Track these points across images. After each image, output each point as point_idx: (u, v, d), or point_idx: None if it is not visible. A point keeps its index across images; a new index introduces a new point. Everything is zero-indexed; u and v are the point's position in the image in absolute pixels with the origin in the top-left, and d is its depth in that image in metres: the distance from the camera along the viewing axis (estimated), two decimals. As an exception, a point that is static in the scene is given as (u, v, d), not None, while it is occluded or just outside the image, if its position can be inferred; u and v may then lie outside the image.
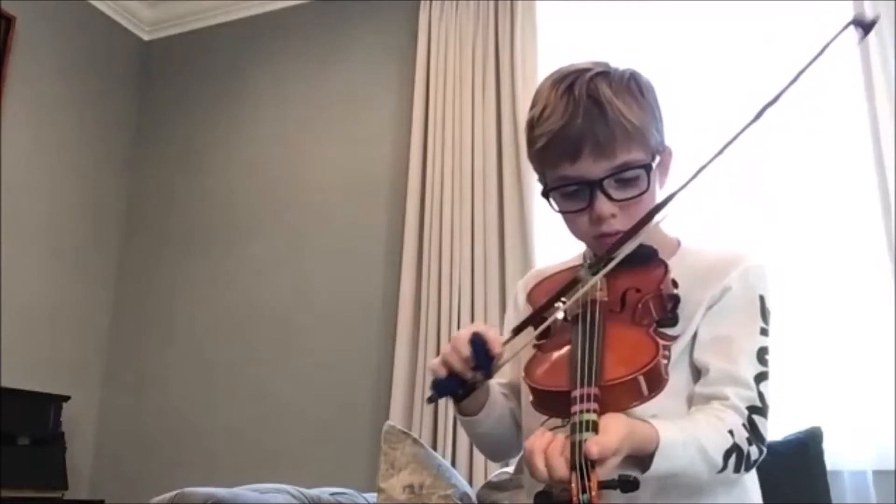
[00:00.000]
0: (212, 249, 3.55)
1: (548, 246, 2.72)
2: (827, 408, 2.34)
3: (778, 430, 2.03)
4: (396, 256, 3.07)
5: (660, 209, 1.08)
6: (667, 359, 1.00)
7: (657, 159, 1.18)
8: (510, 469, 2.22)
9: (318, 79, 3.56)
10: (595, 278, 1.07)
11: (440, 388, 1.12)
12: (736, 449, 1.04)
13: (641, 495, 0.89)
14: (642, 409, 0.96)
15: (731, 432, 1.04)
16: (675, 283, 1.13)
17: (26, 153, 3.35)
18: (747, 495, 1.14)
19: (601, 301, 1.07)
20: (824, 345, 2.43)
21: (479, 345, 1.09)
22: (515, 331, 1.13)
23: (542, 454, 0.87)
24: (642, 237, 1.09)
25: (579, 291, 1.07)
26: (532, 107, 1.19)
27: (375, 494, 2.08)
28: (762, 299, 1.16)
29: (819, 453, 2.01)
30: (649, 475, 0.96)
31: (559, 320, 1.10)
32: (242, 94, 3.70)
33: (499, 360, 1.10)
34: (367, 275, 3.20)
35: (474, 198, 2.94)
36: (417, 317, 2.92)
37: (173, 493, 1.78)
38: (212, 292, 3.49)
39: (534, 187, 2.73)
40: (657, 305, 1.09)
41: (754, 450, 1.07)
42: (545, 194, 1.20)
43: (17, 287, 3.21)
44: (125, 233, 3.77)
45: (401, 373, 2.87)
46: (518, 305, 1.36)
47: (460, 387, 1.12)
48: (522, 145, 1.39)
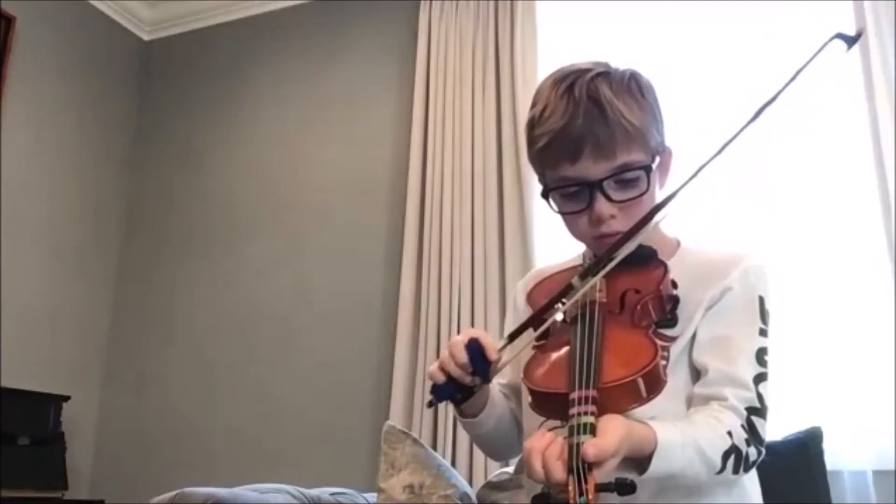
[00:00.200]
0: (212, 249, 3.55)
1: (548, 246, 2.72)
2: (827, 408, 2.34)
3: (778, 430, 2.03)
4: (396, 256, 3.07)
5: (658, 210, 1.08)
6: (666, 360, 1.00)
7: (657, 160, 1.18)
8: (510, 469, 2.22)
9: (318, 79, 3.56)
10: (594, 279, 1.07)
11: (439, 394, 1.13)
12: (734, 450, 1.03)
13: (641, 496, 0.88)
14: (641, 411, 0.96)
15: (730, 433, 1.04)
16: (674, 284, 1.13)
17: (26, 153, 3.35)
18: (747, 495, 1.14)
19: (600, 302, 1.07)
20: (824, 345, 2.42)
21: (475, 350, 1.09)
22: (511, 336, 1.14)
23: (539, 455, 0.87)
24: (642, 238, 1.09)
25: (578, 293, 1.07)
26: (532, 107, 1.19)
27: (375, 494, 2.08)
28: (762, 300, 1.16)
29: (819, 453, 2.01)
30: (648, 476, 0.96)
31: (558, 321, 1.10)
32: (242, 94, 3.70)
33: (496, 365, 1.11)
34: (367, 275, 3.20)
35: (474, 198, 2.93)
36: (417, 317, 2.92)
37: (173, 493, 1.78)
38: (212, 292, 3.49)
39: (534, 187, 2.73)
40: (656, 306, 1.09)
41: (753, 451, 1.07)
42: (545, 195, 1.20)
43: (17, 287, 3.21)
44: (125, 233, 3.77)
45: (401, 373, 2.87)
46: (518, 306, 1.36)
47: (459, 392, 1.13)
48: (522, 145, 1.38)
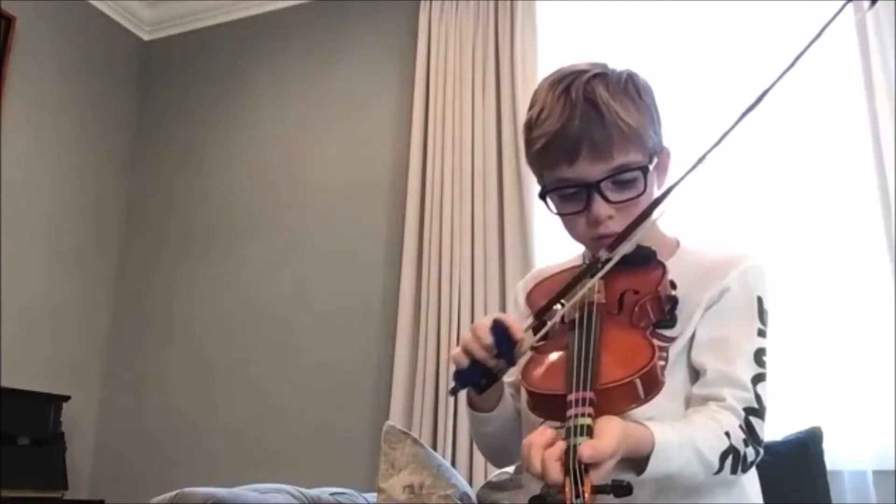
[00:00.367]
0: (212, 249, 3.55)
1: (548, 246, 2.72)
2: (827, 408, 2.34)
3: (778, 430, 2.03)
4: (396, 256, 3.07)
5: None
6: (664, 360, 1.00)
7: (655, 161, 1.17)
8: (510, 469, 2.22)
9: (318, 79, 3.56)
10: (593, 280, 1.07)
11: (463, 379, 1.10)
12: (732, 451, 1.03)
13: (640, 496, 0.89)
14: (639, 412, 0.96)
15: (728, 434, 1.04)
16: (673, 285, 1.13)
17: (26, 153, 3.36)
18: (746, 495, 1.14)
19: (599, 303, 1.07)
20: (824, 345, 2.42)
21: (500, 331, 1.07)
22: (537, 315, 1.11)
23: (540, 452, 0.87)
24: (640, 237, 1.09)
25: (577, 294, 1.07)
26: (530, 108, 1.19)
27: (375, 494, 2.08)
28: (760, 300, 1.15)
29: (819, 453, 2.01)
30: (645, 477, 0.96)
31: (557, 323, 1.10)
32: (242, 94, 3.71)
33: (521, 346, 1.09)
34: (367, 275, 3.20)
35: (474, 198, 2.94)
36: (417, 317, 2.92)
37: (173, 493, 1.78)
38: (212, 292, 3.49)
39: (534, 187, 2.72)
40: (655, 307, 1.09)
41: (751, 451, 1.06)
42: (543, 196, 1.20)
43: (17, 287, 3.21)
44: (125, 233, 3.77)
45: (401, 373, 2.87)
46: (518, 306, 1.35)
47: (483, 376, 1.10)
48: (522, 145, 1.38)
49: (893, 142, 2.41)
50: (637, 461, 0.95)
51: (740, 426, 1.06)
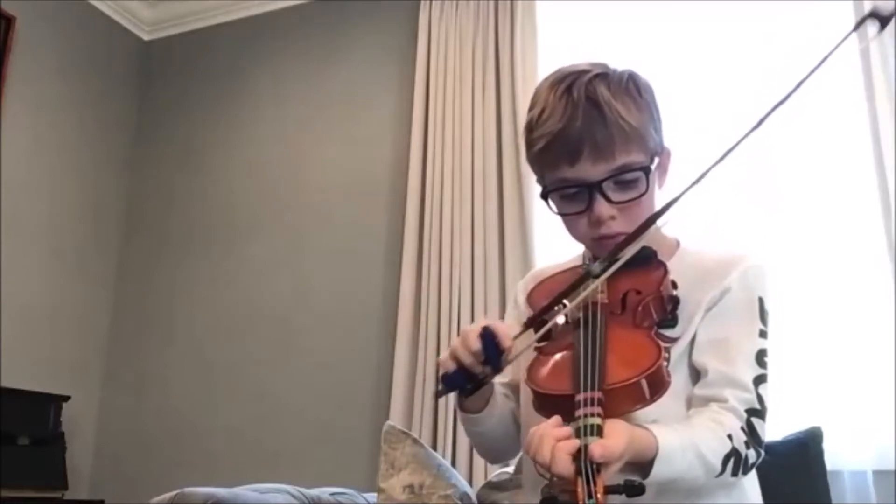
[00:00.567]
0: (212, 249, 3.55)
1: (548, 246, 2.72)
2: (827, 408, 2.34)
3: (778, 430, 2.03)
4: (396, 256, 3.07)
5: (660, 215, 1.08)
6: (667, 361, 1.00)
7: (656, 161, 1.17)
8: (510, 469, 2.22)
9: (318, 79, 3.56)
10: (598, 281, 1.07)
11: (449, 382, 1.11)
12: (734, 453, 1.03)
13: (642, 496, 0.88)
14: (644, 413, 0.96)
15: (730, 436, 1.03)
16: (674, 284, 1.13)
17: (26, 153, 3.36)
18: (746, 496, 1.14)
19: (602, 303, 1.07)
20: (824, 345, 2.43)
21: (489, 339, 1.08)
22: (526, 325, 1.12)
23: (552, 442, 0.87)
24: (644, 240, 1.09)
25: (581, 294, 1.07)
26: (530, 108, 1.19)
27: (375, 494, 2.08)
28: (761, 301, 1.15)
29: (819, 453, 2.01)
30: (648, 481, 0.95)
31: (559, 323, 1.10)
32: (242, 94, 3.70)
33: (508, 354, 1.09)
34: (367, 275, 3.20)
35: (474, 198, 2.94)
36: (417, 317, 2.92)
37: (173, 493, 1.78)
38: (212, 292, 3.49)
39: (534, 187, 2.73)
40: (657, 307, 1.09)
41: (752, 453, 1.06)
42: (544, 196, 1.20)
43: (17, 287, 3.21)
44: (125, 233, 3.77)
45: (401, 373, 2.87)
46: (518, 306, 1.35)
47: (469, 381, 1.11)
48: (522, 145, 1.38)
49: (893, 142, 2.41)
50: (641, 465, 0.95)
51: (742, 428, 1.06)
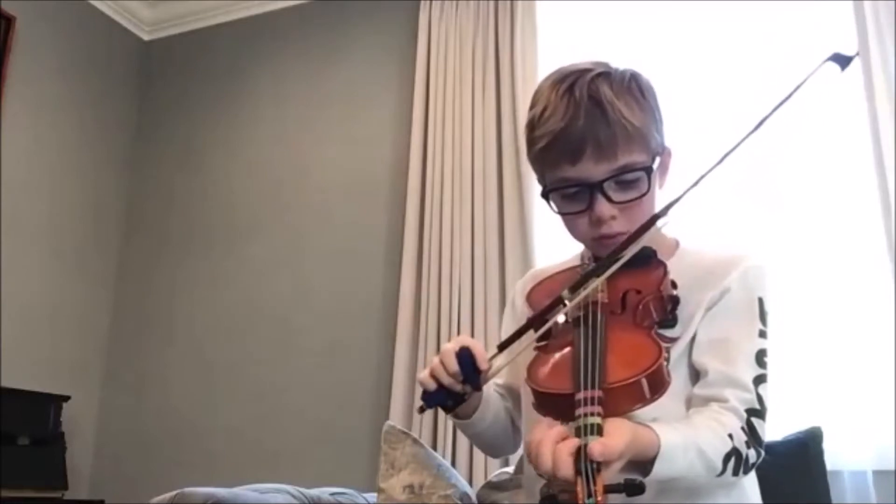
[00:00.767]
0: (212, 249, 3.55)
1: (548, 246, 2.72)
2: (827, 408, 2.34)
3: (778, 430, 2.03)
4: (396, 256, 3.07)
5: (658, 218, 1.08)
6: (667, 360, 1.00)
7: (657, 161, 1.17)
8: (510, 469, 2.22)
9: (318, 79, 3.56)
10: (598, 280, 1.07)
11: (430, 400, 1.13)
12: (735, 453, 1.03)
13: (643, 496, 0.88)
14: (643, 413, 0.96)
15: (731, 436, 1.03)
16: (674, 284, 1.13)
17: (26, 153, 3.36)
18: (746, 496, 1.14)
19: (602, 303, 1.07)
20: (824, 345, 2.43)
21: (466, 359, 1.09)
22: (501, 346, 1.13)
23: (551, 447, 0.86)
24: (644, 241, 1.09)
25: (581, 294, 1.07)
26: (532, 107, 1.18)
27: (375, 494, 2.08)
28: (761, 301, 1.15)
29: (819, 453, 2.01)
30: (650, 479, 0.95)
31: (559, 322, 1.10)
32: (242, 94, 3.70)
33: (485, 375, 1.11)
34: (367, 275, 3.20)
35: (474, 198, 2.94)
36: (417, 317, 2.92)
37: (173, 493, 1.78)
38: (212, 292, 3.49)
39: (534, 187, 2.73)
40: (657, 307, 1.09)
41: (752, 453, 1.06)
42: (545, 195, 1.19)
43: (17, 287, 3.21)
44: (125, 233, 3.77)
45: (401, 373, 2.87)
46: (516, 307, 1.35)
47: (449, 398, 1.13)
48: (522, 145, 1.39)
49: (893, 142, 2.41)
50: (642, 463, 0.95)
51: (742, 427, 1.06)
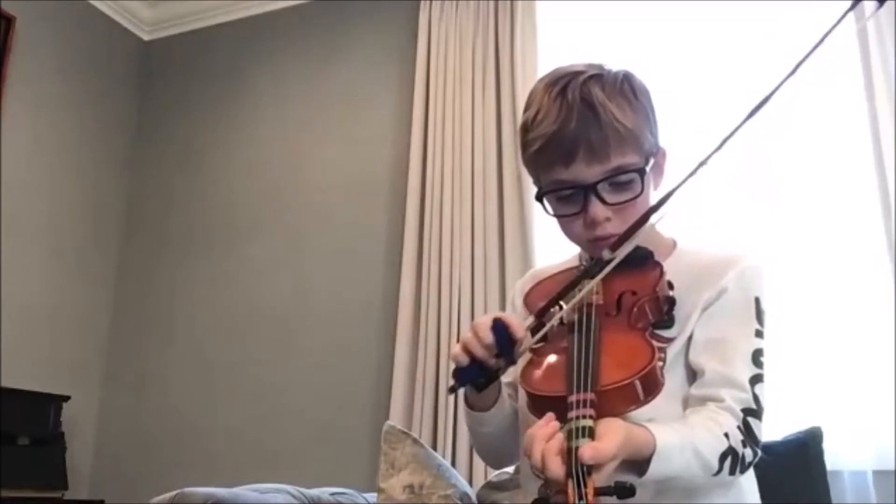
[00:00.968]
0: (212, 249, 3.55)
1: (548, 246, 2.72)
2: (827, 408, 2.34)
3: (778, 430, 2.04)
4: (396, 256, 3.07)
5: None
6: (662, 361, 1.00)
7: (651, 162, 1.17)
8: (510, 469, 2.22)
9: (318, 79, 3.56)
10: (593, 282, 1.07)
11: (462, 377, 1.10)
12: (731, 452, 1.03)
13: (640, 496, 0.88)
14: (639, 413, 0.96)
15: (727, 435, 1.03)
16: (670, 285, 1.13)
17: (26, 153, 3.36)
18: (743, 496, 1.14)
19: (597, 304, 1.07)
20: (824, 345, 2.42)
21: (501, 330, 1.07)
22: (536, 317, 1.10)
23: (541, 445, 0.87)
24: (639, 239, 1.09)
25: (576, 296, 1.07)
26: (525, 109, 1.19)
27: (375, 494, 2.08)
28: (757, 301, 1.15)
29: (819, 453, 2.01)
30: (646, 479, 0.95)
31: (555, 324, 1.10)
32: (242, 94, 3.71)
33: (521, 345, 1.08)
34: (367, 275, 3.20)
35: (474, 198, 2.94)
36: (417, 317, 2.92)
37: (173, 493, 1.78)
38: (212, 292, 3.49)
39: (533, 187, 2.73)
40: (653, 308, 1.09)
41: (749, 452, 1.06)
42: (539, 198, 1.20)
43: (17, 287, 3.21)
44: (125, 233, 3.77)
45: (401, 373, 2.87)
46: (516, 307, 1.35)
47: (482, 375, 1.10)
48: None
49: (893, 142, 2.41)
50: (638, 463, 0.95)
51: (739, 427, 1.06)
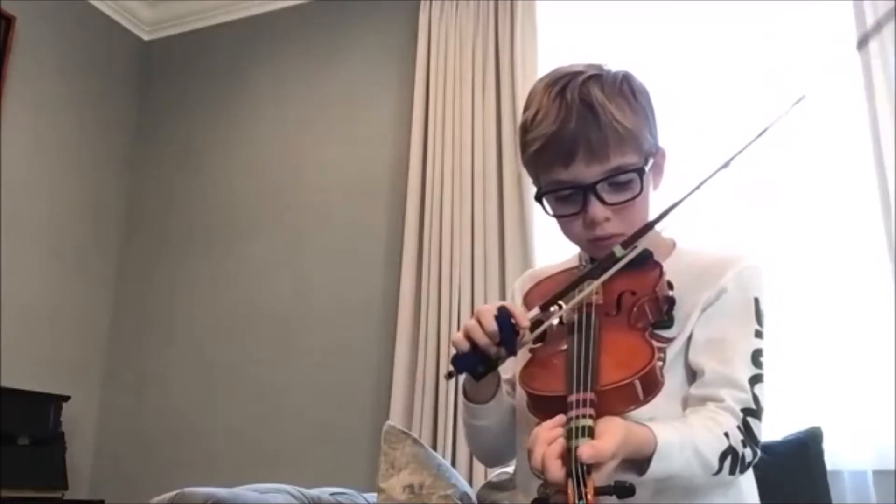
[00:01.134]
0: (212, 249, 3.55)
1: (548, 246, 2.72)
2: (827, 408, 2.34)
3: (778, 430, 2.03)
4: (396, 256, 3.07)
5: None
6: (662, 361, 1.00)
7: (650, 162, 1.17)
8: (510, 469, 2.22)
9: (318, 79, 3.56)
10: (595, 284, 1.07)
11: (461, 364, 1.08)
12: (731, 451, 1.03)
13: (640, 496, 0.88)
14: (639, 413, 0.96)
15: (727, 435, 1.04)
16: (670, 285, 1.13)
17: (26, 153, 3.36)
18: (743, 496, 1.14)
19: (597, 304, 1.07)
20: (824, 345, 2.42)
21: (505, 319, 1.06)
22: (543, 307, 1.09)
23: (543, 448, 0.87)
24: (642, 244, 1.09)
25: (577, 297, 1.07)
26: (525, 110, 1.19)
27: (375, 494, 2.08)
28: (757, 301, 1.15)
29: (819, 453, 2.01)
30: (646, 478, 0.95)
31: (554, 324, 1.09)
32: (242, 94, 3.71)
33: (523, 336, 1.07)
34: (367, 275, 3.20)
35: (474, 198, 2.94)
36: (417, 317, 2.92)
37: (173, 493, 1.78)
38: (212, 292, 3.49)
39: (533, 187, 2.73)
40: (653, 308, 1.09)
41: (749, 452, 1.06)
42: (539, 198, 1.20)
43: (17, 287, 3.21)
44: (125, 233, 3.77)
45: (401, 373, 2.87)
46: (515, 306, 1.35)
47: (482, 363, 1.08)
48: (520, 146, 1.38)
49: (893, 142, 2.41)
50: (638, 462, 0.95)
51: (738, 427, 1.06)
